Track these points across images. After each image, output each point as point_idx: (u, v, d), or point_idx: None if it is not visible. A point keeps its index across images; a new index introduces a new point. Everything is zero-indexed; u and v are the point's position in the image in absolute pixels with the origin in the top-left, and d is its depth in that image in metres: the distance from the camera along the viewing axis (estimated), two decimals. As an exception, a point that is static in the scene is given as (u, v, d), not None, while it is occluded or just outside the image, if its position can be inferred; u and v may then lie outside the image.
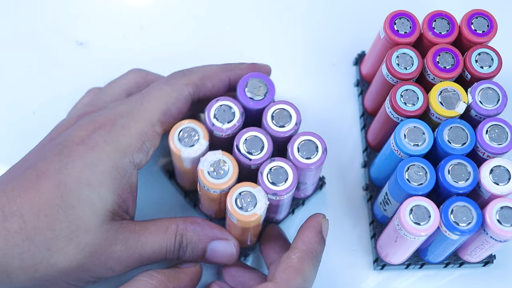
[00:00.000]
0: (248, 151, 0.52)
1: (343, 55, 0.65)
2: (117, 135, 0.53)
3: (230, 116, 0.53)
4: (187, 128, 0.52)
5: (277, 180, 0.52)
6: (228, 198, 0.51)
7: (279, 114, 0.53)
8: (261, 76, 0.54)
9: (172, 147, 0.52)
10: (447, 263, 0.59)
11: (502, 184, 0.53)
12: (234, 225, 0.53)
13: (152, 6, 0.66)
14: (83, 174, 0.51)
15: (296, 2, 0.66)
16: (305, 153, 0.52)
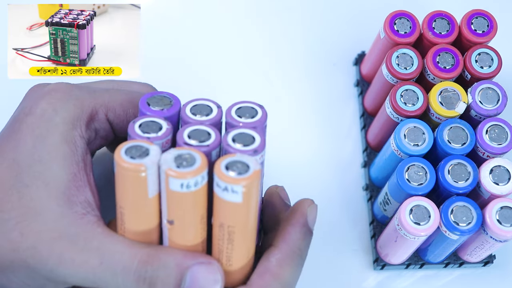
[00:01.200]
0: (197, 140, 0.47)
1: (343, 55, 0.65)
2: (68, 105, 0.47)
3: (156, 127, 0.47)
4: (132, 146, 0.45)
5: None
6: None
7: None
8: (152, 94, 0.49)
9: (125, 165, 0.44)
10: (447, 263, 0.59)
11: (502, 184, 0.53)
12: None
13: (151, 7, 0.66)
14: (35, 149, 0.46)
15: (296, 2, 0.66)
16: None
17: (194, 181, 0.44)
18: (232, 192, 0.44)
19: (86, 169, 0.47)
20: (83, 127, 0.48)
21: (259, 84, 0.64)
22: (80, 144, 0.47)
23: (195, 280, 0.44)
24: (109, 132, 0.50)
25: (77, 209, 0.46)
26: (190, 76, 0.64)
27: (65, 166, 0.46)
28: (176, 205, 0.45)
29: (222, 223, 0.45)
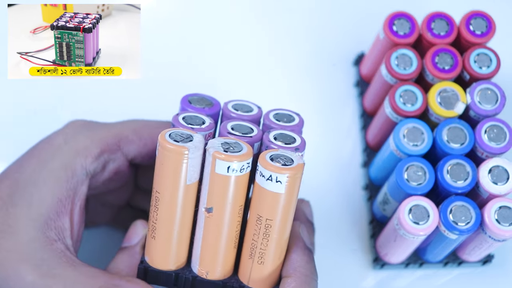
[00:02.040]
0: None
1: (343, 55, 0.65)
2: (78, 136, 0.49)
3: (200, 120, 0.48)
4: (177, 132, 0.47)
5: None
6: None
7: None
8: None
9: (169, 147, 0.45)
10: (446, 262, 0.59)
11: (501, 184, 0.53)
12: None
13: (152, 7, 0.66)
14: (35, 172, 0.48)
15: (296, 3, 0.66)
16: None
17: (241, 165, 0.45)
18: (276, 182, 0.45)
19: (75, 198, 0.48)
20: (89, 158, 0.49)
21: (259, 84, 0.64)
22: (79, 174, 0.48)
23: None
24: (121, 163, 0.50)
25: (49, 234, 0.47)
26: (191, 76, 0.64)
27: (53, 190, 0.48)
28: (219, 189, 0.45)
29: (260, 215, 0.46)
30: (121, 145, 0.50)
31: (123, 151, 0.50)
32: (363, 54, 0.64)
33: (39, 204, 0.47)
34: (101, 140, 0.49)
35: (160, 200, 0.46)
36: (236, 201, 0.46)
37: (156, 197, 0.46)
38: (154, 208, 0.46)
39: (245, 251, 0.48)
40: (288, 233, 0.47)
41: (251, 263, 0.47)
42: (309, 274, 0.48)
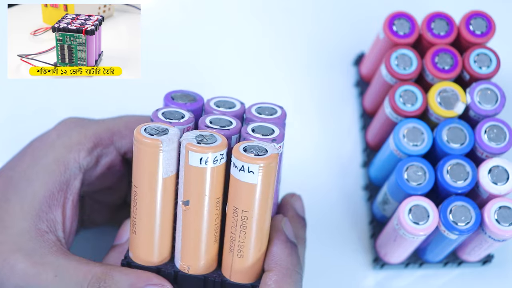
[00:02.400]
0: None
1: (343, 55, 0.65)
2: (71, 132, 0.50)
3: (179, 115, 0.48)
4: (152, 126, 0.46)
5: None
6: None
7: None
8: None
9: (144, 140, 0.45)
10: (446, 262, 0.59)
11: (501, 184, 0.53)
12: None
13: (149, 8, 0.66)
14: (28, 167, 0.49)
15: (296, 3, 0.66)
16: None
17: (214, 156, 0.44)
18: (249, 172, 0.44)
19: (67, 192, 0.49)
20: (82, 152, 0.49)
21: (259, 84, 0.64)
22: (72, 168, 0.49)
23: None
24: (114, 158, 0.51)
25: (41, 226, 0.48)
26: (191, 77, 0.64)
27: (46, 183, 0.48)
28: (194, 181, 0.45)
29: (236, 207, 0.45)
30: (114, 140, 0.51)
31: (115, 146, 0.51)
32: (363, 54, 0.64)
33: (31, 197, 0.48)
34: (94, 135, 0.50)
35: (138, 195, 0.46)
36: (212, 193, 0.46)
37: (135, 192, 0.46)
38: (133, 203, 0.46)
39: (226, 245, 0.47)
40: (267, 225, 0.47)
41: (231, 256, 0.47)
42: (290, 267, 0.47)
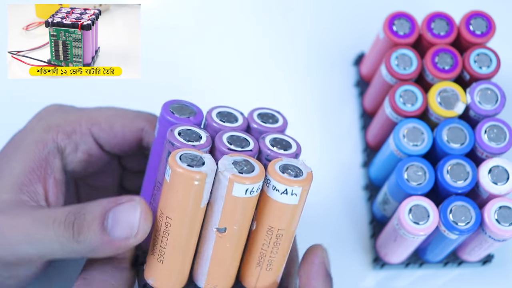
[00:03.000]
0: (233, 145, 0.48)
1: (343, 55, 0.65)
2: (52, 116, 0.51)
3: (196, 135, 0.47)
4: (186, 154, 0.45)
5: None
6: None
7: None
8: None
9: (186, 174, 0.43)
10: (446, 262, 0.59)
11: (501, 183, 0.53)
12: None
13: (152, 7, 0.66)
14: (9, 150, 0.50)
15: (296, 3, 0.66)
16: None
17: (257, 186, 0.44)
18: (291, 195, 0.44)
19: (47, 169, 0.49)
20: (60, 134, 0.50)
21: (259, 84, 0.64)
22: (50, 147, 0.49)
23: (116, 218, 0.45)
24: (92, 146, 0.51)
25: (23, 197, 0.48)
26: (191, 77, 0.64)
27: (25, 160, 0.49)
28: (235, 211, 0.45)
29: (271, 227, 0.45)
30: (92, 131, 0.51)
31: (94, 136, 0.51)
32: (363, 54, 0.64)
33: (11, 173, 0.48)
34: (74, 121, 0.50)
35: (172, 226, 0.45)
36: (249, 219, 0.46)
37: (167, 223, 0.45)
38: (164, 233, 0.45)
39: (253, 260, 0.47)
40: (293, 238, 0.47)
41: (258, 270, 0.47)
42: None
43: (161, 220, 0.45)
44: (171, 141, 0.45)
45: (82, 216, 0.45)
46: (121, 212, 0.45)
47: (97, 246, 0.45)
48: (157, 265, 0.46)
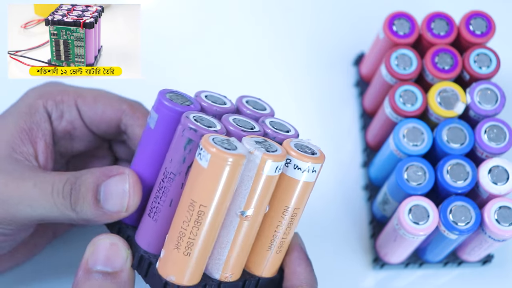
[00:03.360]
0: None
1: (343, 55, 0.65)
2: (45, 86, 0.53)
3: (209, 122, 0.47)
4: (216, 138, 0.44)
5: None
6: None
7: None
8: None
9: (229, 157, 0.42)
10: (446, 262, 0.59)
11: (501, 184, 0.53)
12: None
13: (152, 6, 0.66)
14: (5, 112, 0.52)
15: (296, 3, 0.66)
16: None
17: (282, 164, 0.45)
18: (312, 172, 0.45)
19: (38, 131, 0.51)
20: (50, 101, 0.52)
21: (259, 84, 0.64)
22: (41, 111, 0.51)
23: (107, 191, 0.47)
24: (75, 118, 0.53)
25: (16, 156, 0.50)
26: (191, 76, 0.64)
27: (18, 121, 0.51)
28: (266, 191, 0.45)
29: (287, 206, 0.46)
30: (78, 103, 0.52)
31: (78, 109, 0.52)
32: (363, 54, 0.64)
33: (4, 132, 0.50)
34: (63, 91, 0.52)
35: (205, 214, 0.44)
36: (268, 200, 0.46)
37: (200, 211, 0.44)
38: (195, 223, 0.44)
39: (264, 244, 0.47)
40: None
41: (269, 253, 0.47)
42: (314, 285, 0.49)
43: (192, 210, 0.44)
44: (192, 127, 0.44)
45: (78, 187, 0.47)
46: (111, 186, 0.47)
47: (92, 217, 0.47)
48: (182, 259, 0.45)
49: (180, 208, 0.44)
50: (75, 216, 0.48)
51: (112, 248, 0.47)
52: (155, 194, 0.47)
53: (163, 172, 0.46)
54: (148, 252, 0.47)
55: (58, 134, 0.53)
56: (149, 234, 0.47)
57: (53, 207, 0.48)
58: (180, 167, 0.45)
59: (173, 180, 0.45)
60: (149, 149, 0.47)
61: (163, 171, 0.46)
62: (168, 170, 0.46)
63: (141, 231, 0.47)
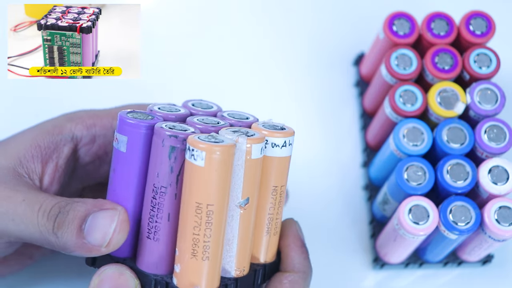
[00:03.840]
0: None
1: (343, 55, 0.65)
2: (78, 112, 0.52)
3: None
4: (204, 137, 0.44)
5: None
6: None
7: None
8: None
9: (234, 148, 0.43)
10: (446, 262, 0.59)
11: (501, 184, 0.53)
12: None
13: (149, 9, 0.66)
14: (25, 130, 0.51)
15: (296, 3, 0.66)
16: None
17: (263, 145, 0.45)
18: (288, 146, 0.46)
19: (53, 153, 0.50)
20: (80, 125, 0.51)
21: (259, 85, 0.64)
22: (65, 134, 0.51)
23: (93, 223, 0.46)
24: (109, 142, 0.52)
25: (19, 170, 0.49)
26: (191, 77, 0.64)
27: (36, 137, 0.50)
28: (256, 174, 0.45)
29: (276, 186, 0.46)
30: (114, 124, 0.51)
31: (114, 129, 0.51)
32: (363, 54, 0.64)
33: (18, 143, 0.50)
34: (96, 115, 0.51)
35: (214, 214, 0.43)
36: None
37: (209, 211, 0.43)
38: (206, 225, 0.43)
39: (262, 228, 0.47)
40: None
41: (268, 237, 0.47)
42: (307, 271, 0.49)
43: (200, 213, 0.43)
44: (172, 134, 0.44)
45: (66, 212, 0.46)
46: (99, 219, 0.46)
47: (71, 245, 0.46)
48: (202, 265, 0.44)
49: (186, 216, 0.44)
50: (54, 240, 0.46)
51: (120, 278, 0.46)
52: (149, 214, 0.45)
53: (151, 189, 0.45)
54: (157, 274, 0.46)
55: (87, 159, 0.52)
56: (154, 256, 0.46)
57: (35, 226, 0.47)
58: (170, 178, 0.44)
59: (165, 194, 0.45)
60: (126, 174, 0.46)
61: (151, 188, 0.45)
62: (158, 185, 0.45)
63: (144, 256, 0.46)
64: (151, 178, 0.45)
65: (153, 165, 0.45)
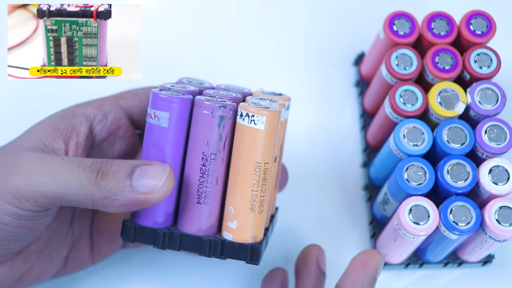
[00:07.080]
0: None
1: (343, 55, 0.65)
2: (84, 102, 0.54)
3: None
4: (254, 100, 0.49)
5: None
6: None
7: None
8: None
9: (272, 112, 0.47)
10: (446, 263, 0.59)
11: (501, 184, 0.53)
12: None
13: (149, 9, 0.66)
14: (40, 121, 0.53)
15: (296, 3, 0.66)
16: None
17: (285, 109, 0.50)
18: (287, 109, 0.51)
19: (72, 132, 0.52)
20: (90, 107, 0.53)
21: (259, 84, 0.64)
22: (78, 116, 0.53)
23: (143, 173, 0.47)
24: (120, 116, 0.54)
25: (48, 150, 0.51)
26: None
27: (53, 122, 0.52)
28: (283, 133, 0.51)
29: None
30: (119, 102, 0.54)
31: (122, 106, 0.54)
32: (363, 54, 0.64)
33: (38, 130, 0.51)
34: (100, 100, 0.54)
35: (269, 170, 0.48)
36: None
37: (266, 169, 0.47)
38: (263, 181, 0.48)
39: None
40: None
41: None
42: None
43: (259, 171, 0.47)
44: (221, 105, 0.47)
45: (109, 165, 0.48)
46: (149, 170, 0.47)
47: (115, 193, 0.47)
48: (259, 217, 0.49)
49: (244, 176, 0.48)
50: (96, 192, 0.47)
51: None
52: (199, 181, 0.49)
53: (200, 157, 0.48)
54: (208, 235, 0.49)
55: (103, 134, 0.54)
56: (204, 219, 0.49)
57: (74, 178, 0.47)
58: (219, 145, 0.48)
59: (215, 160, 0.48)
60: (169, 147, 0.49)
61: (200, 156, 0.48)
62: (207, 153, 0.48)
63: (194, 220, 0.49)
64: (199, 147, 0.48)
65: (201, 135, 0.48)
